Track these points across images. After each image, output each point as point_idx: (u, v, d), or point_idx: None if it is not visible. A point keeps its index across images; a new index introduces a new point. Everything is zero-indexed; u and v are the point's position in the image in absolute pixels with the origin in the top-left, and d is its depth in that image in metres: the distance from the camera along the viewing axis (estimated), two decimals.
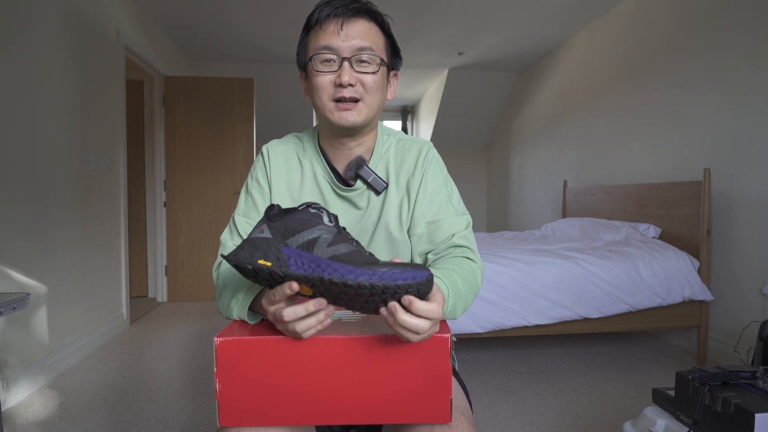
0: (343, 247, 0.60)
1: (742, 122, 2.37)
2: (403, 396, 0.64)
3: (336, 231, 0.62)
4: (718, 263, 2.50)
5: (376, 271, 0.56)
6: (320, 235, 0.61)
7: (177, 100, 3.94)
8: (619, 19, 3.41)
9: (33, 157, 2.18)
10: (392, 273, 0.57)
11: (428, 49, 4.42)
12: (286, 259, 0.59)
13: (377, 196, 0.90)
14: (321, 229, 0.61)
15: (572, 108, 4.02)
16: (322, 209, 0.65)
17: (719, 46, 2.51)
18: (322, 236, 0.61)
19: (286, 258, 0.59)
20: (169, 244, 3.98)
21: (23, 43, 2.11)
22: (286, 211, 0.65)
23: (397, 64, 0.91)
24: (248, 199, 0.92)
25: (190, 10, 3.51)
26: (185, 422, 1.81)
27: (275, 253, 0.59)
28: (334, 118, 0.83)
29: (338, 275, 0.56)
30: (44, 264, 2.25)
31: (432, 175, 0.91)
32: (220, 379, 0.64)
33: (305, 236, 0.61)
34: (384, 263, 0.58)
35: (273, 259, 0.59)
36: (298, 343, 0.64)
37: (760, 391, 1.07)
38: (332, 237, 0.61)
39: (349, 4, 0.82)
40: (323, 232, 0.61)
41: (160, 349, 2.73)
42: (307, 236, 0.61)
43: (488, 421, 1.82)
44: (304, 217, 0.62)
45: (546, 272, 2.22)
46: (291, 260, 0.59)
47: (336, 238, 0.61)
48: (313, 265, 0.58)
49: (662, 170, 2.92)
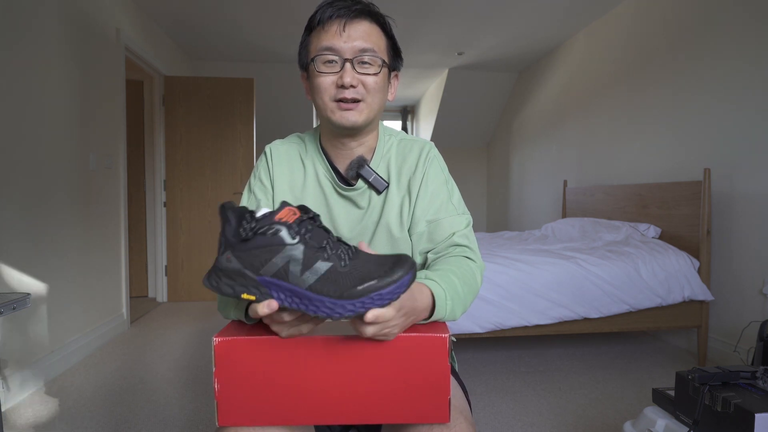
0: (318, 266, 0.57)
1: (742, 122, 2.37)
2: (402, 396, 0.64)
3: (303, 246, 0.58)
4: (718, 263, 2.50)
5: (356, 302, 0.56)
6: (289, 260, 0.57)
7: (177, 100, 3.94)
8: (619, 19, 3.41)
9: (33, 158, 2.18)
10: (372, 299, 0.56)
11: (428, 49, 4.42)
12: (267, 291, 0.58)
13: (378, 196, 0.90)
14: (287, 251, 0.57)
15: (572, 108, 4.02)
16: (280, 225, 0.58)
17: (719, 46, 2.51)
18: (291, 260, 0.57)
19: (267, 291, 0.58)
20: (169, 244, 3.98)
21: (23, 43, 2.11)
22: (241, 223, 0.59)
23: (398, 65, 0.91)
24: (251, 198, 0.93)
25: (190, 10, 3.51)
26: (185, 422, 1.81)
27: (255, 286, 0.58)
28: (335, 118, 0.84)
29: (322, 313, 0.57)
30: (44, 264, 2.25)
31: (433, 174, 0.91)
32: (219, 379, 0.64)
33: (276, 264, 0.57)
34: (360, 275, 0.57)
35: (255, 293, 0.58)
36: (297, 343, 0.64)
37: (760, 391, 1.07)
38: (302, 256, 0.57)
39: (352, 5, 0.82)
40: (291, 253, 0.57)
41: (160, 349, 2.73)
42: (279, 263, 0.57)
43: (488, 421, 1.82)
44: (265, 243, 0.57)
45: (546, 272, 2.22)
46: (272, 292, 0.58)
47: (306, 257, 0.57)
48: (296, 300, 0.57)
49: (662, 170, 2.92)
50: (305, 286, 0.57)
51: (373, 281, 0.56)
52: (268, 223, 0.58)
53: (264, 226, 0.58)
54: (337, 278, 0.57)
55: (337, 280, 0.57)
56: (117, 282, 3.08)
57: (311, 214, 0.62)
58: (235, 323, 0.72)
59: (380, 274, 0.57)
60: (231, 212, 0.59)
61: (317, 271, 0.57)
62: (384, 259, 0.60)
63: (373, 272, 0.58)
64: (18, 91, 2.08)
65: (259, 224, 0.58)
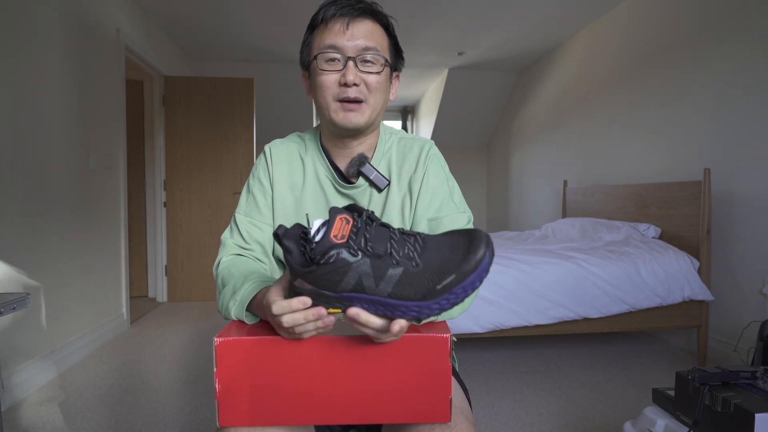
0: (390, 274, 0.56)
1: (742, 122, 2.37)
2: (403, 396, 0.64)
3: (368, 259, 0.56)
4: (718, 263, 2.50)
5: (441, 299, 0.55)
6: (360, 276, 0.56)
7: (177, 100, 3.94)
8: (618, 19, 3.41)
9: (33, 158, 2.18)
10: (456, 294, 0.55)
11: (428, 49, 4.42)
12: (351, 304, 0.58)
13: (379, 194, 0.90)
14: (354, 269, 0.56)
15: (572, 108, 4.02)
16: (338, 247, 0.55)
17: (719, 45, 2.51)
18: (362, 275, 0.56)
19: (351, 303, 0.58)
20: (169, 244, 3.98)
21: (23, 43, 2.11)
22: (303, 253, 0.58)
23: (399, 65, 0.91)
24: (250, 198, 0.93)
25: (190, 10, 3.51)
26: (185, 422, 1.81)
27: (337, 301, 0.58)
28: (337, 119, 0.84)
29: (410, 316, 0.57)
30: (44, 264, 2.25)
31: (434, 172, 0.91)
32: (220, 379, 0.64)
33: (349, 282, 0.56)
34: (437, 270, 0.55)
35: (339, 306, 0.59)
36: (297, 343, 0.64)
37: (760, 391, 1.07)
38: (371, 270, 0.56)
39: (355, 4, 0.82)
40: (359, 270, 0.56)
41: (160, 349, 2.73)
42: (351, 281, 0.56)
43: (488, 421, 1.82)
44: (331, 269, 0.56)
45: (546, 272, 2.22)
46: (355, 304, 0.58)
47: (375, 268, 0.56)
48: (381, 308, 0.57)
49: (662, 170, 2.92)
50: (385, 295, 0.56)
51: (451, 276, 0.55)
52: (326, 247, 0.55)
53: (322, 253, 0.55)
54: (414, 281, 0.56)
55: (414, 282, 0.56)
56: (117, 282, 3.08)
57: (364, 214, 0.60)
58: (236, 323, 0.72)
59: (457, 265, 0.55)
60: (287, 240, 0.58)
61: (391, 279, 0.56)
62: (455, 240, 0.58)
63: (448, 263, 0.55)
64: (18, 91, 2.07)
65: (316, 250, 0.55)
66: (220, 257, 0.89)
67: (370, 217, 0.60)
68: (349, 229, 0.57)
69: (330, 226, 0.56)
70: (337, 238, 0.55)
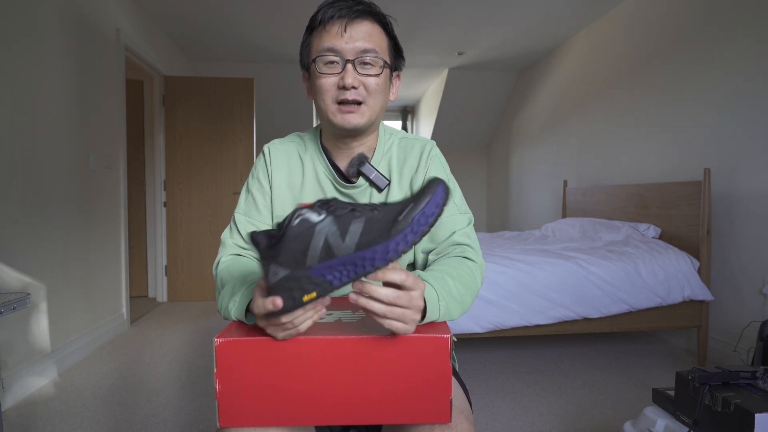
0: (355, 226, 0.57)
1: (742, 122, 2.37)
2: (403, 396, 0.64)
3: (332, 216, 0.57)
4: (718, 263, 2.50)
5: (406, 232, 0.56)
6: (325, 236, 0.57)
7: (177, 100, 3.94)
8: (618, 19, 3.41)
9: (33, 158, 2.18)
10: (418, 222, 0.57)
11: (428, 49, 4.42)
12: (323, 279, 0.58)
13: (379, 194, 0.90)
14: (320, 229, 0.57)
15: (572, 108, 4.02)
16: (301, 211, 0.58)
17: (719, 45, 2.51)
18: (328, 235, 0.57)
19: (323, 278, 0.58)
20: (169, 244, 3.98)
21: (23, 43, 2.11)
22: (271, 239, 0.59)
23: (399, 65, 0.91)
24: (249, 198, 0.93)
25: (190, 10, 3.51)
26: (185, 422, 1.81)
27: (308, 282, 0.58)
28: (336, 121, 0.84)
29: (380, 263, 0.57)
30: (44, 264, 2.25)
31: (435, 173, 0.91)
32: (220, 379, 0.64)
33: (316, 247, 0.57)
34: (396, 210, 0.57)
35: (313, 288, 0.58)
36: (297, 343, 0.64)
37: (760, 391, 1.07)
38: (335, 226, 0.57)
39: (353, 5, 0.82)
40: (324, 229, 0.57)
41: (160, 349, 2.73)
42: (318, 245, 0.57)
43: (488, 421, 1.82)
44: (296, 233, 0.57)
45: (546, 272, 2.22)
46: (327, 277, 0.58)
47: (340, 224, 0.57)
48: (352, 268, 0.57)
49: (662, 170, 2.92)
50: (353, 249, 0.57)
51: (409, 206, 0.57)
52: (291, 215, 0.58)
53: (288, 219, 0.57)
54: (376, 225, 0.57)
55: (377, 227, 0.57)
56: (117, 282, 3.08)
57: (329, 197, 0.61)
58: (237, 323, 0.72)
59: (414, 200, 0.57)
60: (258, 235, 0.59)
61: (356, 230, 0.57)
62: (412, 194, 0.60)
63: (406, 203, 0.58)
64: (18, 91, 2.07)
65: (283, 223, 0.58)
66: (220, 257, 0.89)
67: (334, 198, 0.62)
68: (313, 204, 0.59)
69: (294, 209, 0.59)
70: (302, 209, 0.58)
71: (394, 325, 0.61)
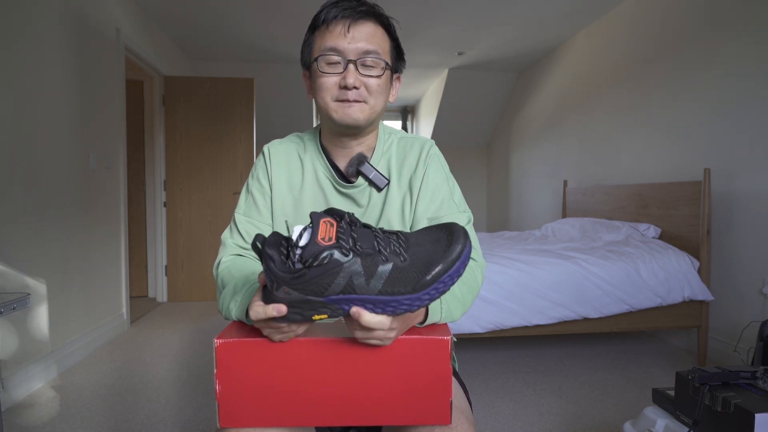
0: (381, 271, 0.56)
1: (742, 122, 2.37)
2: (404, 397, 0.64)
3: (359, 258, 0.56)
4: (718, 263, 2.50)
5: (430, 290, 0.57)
6: (350, 276, 0.56)
7: (177, 100, 3.94)
8: (619, 19, 3.41)
9: (33, 158, 2.18)
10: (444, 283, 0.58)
11: (428, 49, 4.42)
12: (338, 307, 0.58)
13: (379, 193, 0.90)
14: (346, 269, 0.56)
15: (572, 108, 4.02)
16: (329, 248, 0.55)
17: (719, 46, 2.51)
18: (353, 275, 0.56)
19: (338, 306, 0.58)
20: (169, 244, 3.98)
21: (23, 43, 2.11)
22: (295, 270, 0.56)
23: (400, 67, 0.91)
24: (249, 198, 0.93)
25: (190, 10, 3.51)
26: (185, 422, 1.81)
27: (323, 306, 0.58)
28: (337, 116, 0.83)
29: (401, 311, 0.58)
30: (44, 264, 2.25)
31: (434, 172, 0.91)
32: (220, 380, 0.64)
33: (339, 283, 0.56)
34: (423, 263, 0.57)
35: (326, 311, 0.59)
36: (298, 344, 0.64)
37: (760, 391, 1.07)
38: (362, 268, 0.56)
39: (357, 6, 0.82)
40: (351, 270, 0.56)
41: (160, 349, 2.73)
42: (342, 282, 0.56)
43: (488, 421, 1.82)
44: (322, 271, 0.55)
45: (546, 272, 2.22)
46: (342, 306, 0.58)
47: (366, 266, 0.56)
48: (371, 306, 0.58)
49: (662, 170, 2.92)
50: (375, 293, 0.57)
51: (438, 267, 0.57)
52: (317, 250, 0.55)
53: (314, 255, 0.55)
54: (403, 275, 0.57)
55: (403, 276, 0.57)
56: (117, 282, 3.08)
57: (346, 217, 0.60)
58: (237, 324, 0.72)
59: (441, 255, 0.57)
60: (268, 248, 0.57)
61: (381, 275, 0.57)
62: (435, 235, 0.60)
63: (433, 255, 0.58)
64: (18, 91, 2.07)
65: (305, 254, 0.55)
66: (221, 257, 0.89)
67: (352, 219, 0.61)
68: (334, 232, 0.57)
69: (315, 231, 0.56)
70: (325, 241, 0.55)
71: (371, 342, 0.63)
